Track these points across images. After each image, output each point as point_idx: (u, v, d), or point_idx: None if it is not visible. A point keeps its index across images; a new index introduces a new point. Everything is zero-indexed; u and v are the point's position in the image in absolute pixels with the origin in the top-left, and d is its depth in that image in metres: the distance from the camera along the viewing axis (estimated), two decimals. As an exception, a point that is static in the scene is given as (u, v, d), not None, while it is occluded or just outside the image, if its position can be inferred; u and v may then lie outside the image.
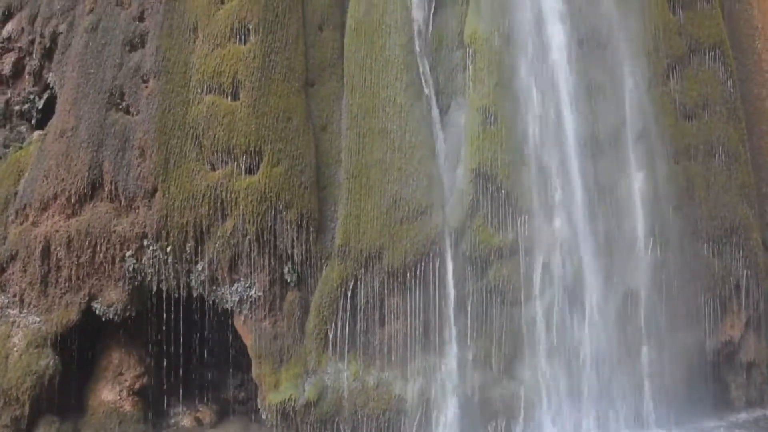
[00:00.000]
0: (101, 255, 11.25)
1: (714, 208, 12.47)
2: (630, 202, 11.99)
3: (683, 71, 12.68)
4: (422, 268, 11.07)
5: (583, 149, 11.72)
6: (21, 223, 11.61)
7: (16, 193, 11.83)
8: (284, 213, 11.03)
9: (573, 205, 11.57)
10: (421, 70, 11.63)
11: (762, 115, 13.82)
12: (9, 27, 13.24)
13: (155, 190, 11.24)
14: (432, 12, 11.97)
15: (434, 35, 11.96)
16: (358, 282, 11.08)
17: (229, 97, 11.32)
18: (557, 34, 11.74)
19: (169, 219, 11.12)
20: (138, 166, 11.34)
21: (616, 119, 12.06)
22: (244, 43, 11.42)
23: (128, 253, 11.21)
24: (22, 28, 13.11)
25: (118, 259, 11.24)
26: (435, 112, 11.66)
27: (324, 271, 11.21)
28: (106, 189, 11.40)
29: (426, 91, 11.61)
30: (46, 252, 11.29)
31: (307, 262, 11.20)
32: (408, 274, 11.05)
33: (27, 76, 13.09)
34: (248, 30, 11.43)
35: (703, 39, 12.91)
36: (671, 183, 12.20)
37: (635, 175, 12.05)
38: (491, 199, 11.24)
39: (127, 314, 11.42)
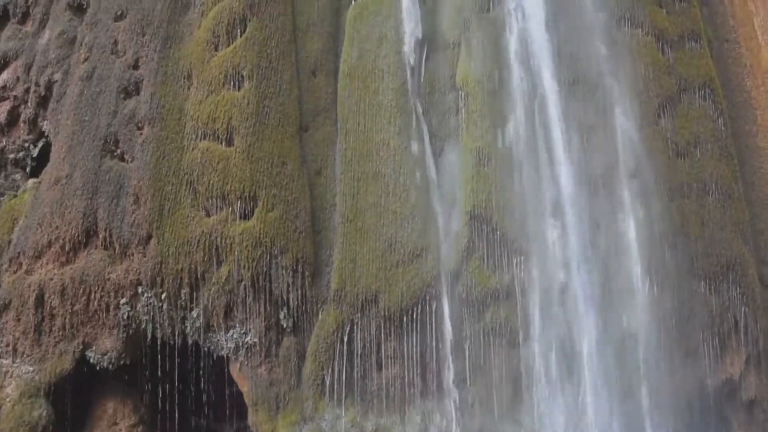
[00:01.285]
0: (95, 303, 11.18)
1: (709, 246, 12.44)
2: (625, 241, 11.97)
3: (674, 110, 12.78)
4: (419, 312, 11.01)
5: (577, 189, 11.75)
6: (15, 272, 11.56)
7: (10, 242, 11.80)
8: (279, 258, 11.00)
9: (568, 245, 11.54)
10: (414, 113, 11.75)
11: (754, 152, 13.89)
12: (5, 76, 13.35)
13: (150, 237, 11.22)
14: (424, 56, 12.13)
15: (427, 79, 12.10)
16: (355, 326, 11.01)
17: (224, 143, 11.39)
18: (548, 77, 11.86)
19: (163, 265, 11.07)
20: (132, 212, 11.33)
21: (608, 159, 12.11)
22: (239, 89, 11.51)
23: (123, 301, 11.14)
24: (18, 77, 13.22)
25: (112, 307, 11.17)
26: (429, 154, 11.72)
27: (320, 316, 11.15)
28: (101, 236, 11.38)
29: (419, 134, 11.68)
30: (40, 300, 11.22)
31: (303, 307, 11.13)
32: (405, 318, 10.99)
33: (22, 125, 13.17)
34: (242, 76, 11.54)
35: (692, 78, 13.04)
36: (666, 221, 12.18)
37: (630, 213, 12.04)
38: (487, 240, 11.24)
39: (122, 362, 11.30)
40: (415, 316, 11.00)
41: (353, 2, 12.65)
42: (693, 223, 12.45)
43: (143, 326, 11.13)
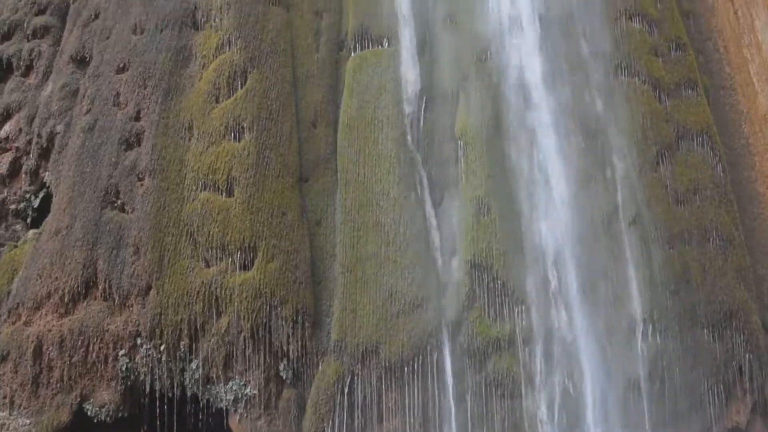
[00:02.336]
0: (94, 354, 11.07)
1: (712, 292, 12.37)
2: (627, 289, 11.92)
3: (673, 157, 12.84)
4: (420, 362, 10.91)
5: (577, 237, 11.74)
6: (13, 323, 11.48)
7: (9, 292, 11.75)
8: (279, 309, 10.94)
9: (570, 293, 11.50)
10: (414, 163, 11.82)
11: (753, 198, 13.91)
12: (7, 127, 13.47)
13: (149, 288, 11.18)
14: (423, 107, 12.26)
15: (426, 129, 12.20)
16: (355, 378, 10.90)
17: (224, 194, 11.42)
18: (547, 126, 11.94)
19: (163, 317, 11.01)
20: (132, 263, 11.31)
21: (608, 206, 12.14)
22: (239, 141, 11.60)
23: (121, 352, 11.04)
24: (20, 129, 13.33)
25: (111, 359, 11.06)
26: (428, 204, 11.76)
27: (320, 367, 11.05)
28: (100, 287, 11.33)
29: (419, 184, 11.73)
30: (38, 352, 11.11)
31: (303, 359, 11.04)
32: (406, 369, 10.89)
33: (24, 176, 13.22)
34: (243, 128, 11.64)
35: (690, 125, 13.13)
36: (667, 268, 12.15)
37: (630, 260, 12.01)
38: (487, 289, 11.20)
39: (120, 415, 11.15)
40: (416, 367, 10.89)
41: (353, 54, 12.87)
42: (694, 270, 12.40)
43: (142, 378, 11.01)
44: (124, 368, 10.98)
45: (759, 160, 14.10)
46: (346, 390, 10.85)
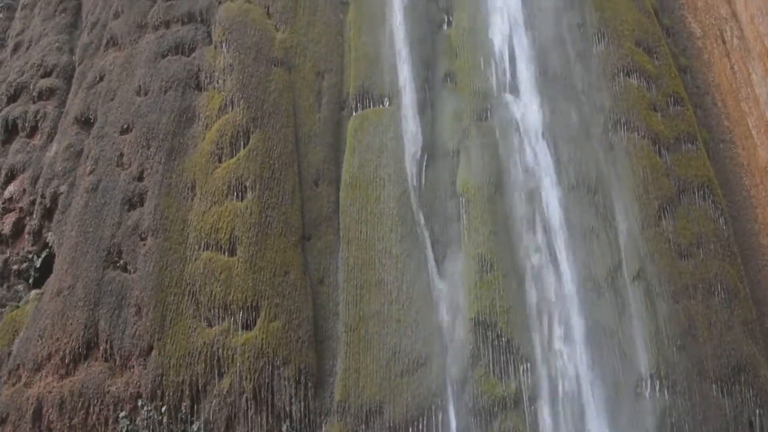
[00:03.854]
0: (94, 416, 10.95)
1: (719, 347, 12.22)
2: (633, 344, 11.79)
3: (675, 211, 12.83)
4: (425, 423, 10.72)
5: (581, 292, 11.67)
6: (13, 384, 11.39)
7: (10, 353, 11.69)
8: (282, 369, 10.84)
9: (575, 349, 11.38)
10: (416, 221, 11.85)
11: (757, 250, 13.86)
12: (11, 188, 13.57)
13: (151, 348, 11.10)
14: (425, 164, 12.34)
15: (428, 187, 12.26)
16: (360, 439, 10.73)
17: (226, 253, 11.44)
18: (548, 181, 12.02)
19: (164, 378, 10.90)
20: (134, 324, 11.26)
21: (612, 261, 12.09)
22: (241, 200, 11.66)
23: (122, 414, 10.91)
24: (24, 189, 13.43)
25: (111, 421, 10.93)
26: (431, 262, 11.74)
27: (324, 428, 10.87)
28: (101, 348, 11.26)
29: (421, 241, 11.73)
30: (37, 414, 11.00)
31: (306, 420, 10.87)
32: (410, 429, 10.70)
33: (26, 236, 13.26)
34: (245, 187, 11.72)
35: (691, 179, 13.16)
36: (673, 323, 12.02)
37: (635, 316, 11.91)
38: (492, 347, 11.07)
39: (120, 478, 10.97)
40: (421, 427, 10.70)
41: (354, 113, 13.06)
42: (700, 325, 12.28)
43: (142, 440, 10.87)
44: (124, 430, 10.84)
45: (761, 212, 14.10)
46: (350, 452, 10.69)
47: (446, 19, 14.04)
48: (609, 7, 14.31)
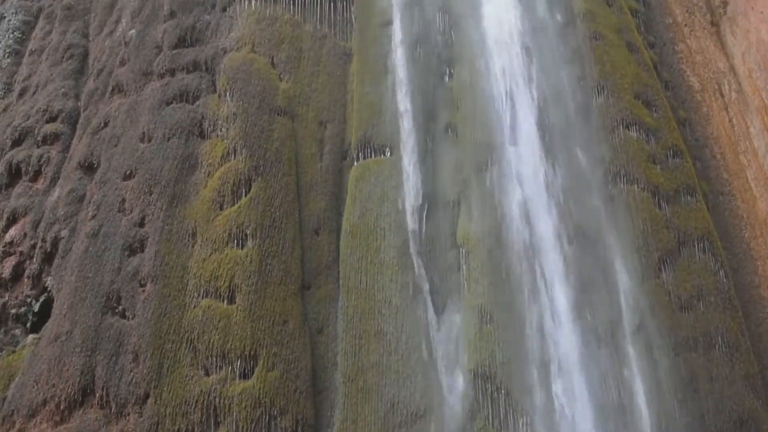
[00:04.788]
0: (89, 464, 10.81)
1: (720, 401, 12.10)
2: (633, 398, 11.69)
3: (675, 264, 12.82)
4: (423, 476, 10.61)
5: (581, 345, 11.61)
6: (7, 430, 11.24)
7: (4, 399, 11.56)
8: (279, 419, 10.72)
9: (575, 403, 11.27)
10: (416, 271, 11.84)
11: (758, 303, 13.82)
12: (12, 232, 13.57)
13: (147, 396, 10.98)
14: (425, 214, 12.38)
15: (428, 237, 12.28)
16: (357, 493, 10.58)
17: (225, 301, 11.40)
18: (548, 233, 12.05)
19: (160, 426, 10.76)
20: (131, 371, 11.16)
21: (612, 313, 12.06)
22: (242, 248, 11.68)
23: (117, 463, 10.77)
24: (25, 233, 13.43)
25: (106, 469, 10.79)
26: (431, 312, 11.70)
27: (321, 480, 10.75)
28: (97, 395, 11.14)
29: (421, 292, 11.72)
30: (30, 462, 10.86)
31: (303, 471, 10.75)
32: (409, 483, 10.58)
33: (26, 280, 13.23)
34: (246, 235, 11.74)
35: (690, 231, 13.18)
36: (673, 376, 11.94)
37: (636, 369, 11.83)
38: (491, 400, 10.97)
39: None
40: (419, 480, 10.59)
41: (356, 163, 13.14)
42: (701, 378, 12.18)
43: (136, 491, 10.71)
44: (119, 480, 10.70)
45: (761, 265, 14.10)
46: (347, 506, 10.53)
47: (448, 71, 14.22)
48: (608, 60, 14.52)
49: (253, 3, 14.57)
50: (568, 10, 15.31)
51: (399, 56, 14.03)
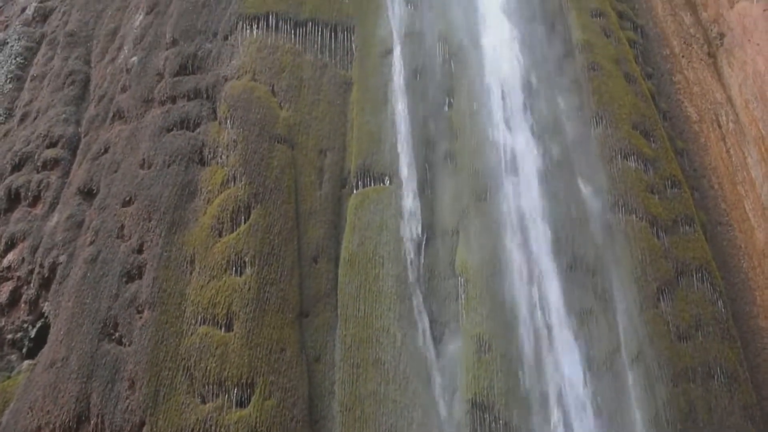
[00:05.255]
0: (82, 492, 10.70)
1: (719, 431, 12.06)
2: (632, 428, 11.63)
3: (673, 293, 12.81)
4: (420, 506, 10.50)
5: (580, 375, 11.57)
6: (1, 457, 11.16)
7: (-1, 425, 11.48)
8: (275, 449, 10.64)
9: (574, 434, 11.22)
10: (414, 299, 11.82)
11: (756, 333, 13.80)
12: (10, 257, 13.55)
13: (143, 424, 10.89)
14: (424, 243, 12.39)
15: (426, 266, 12.29)
16: None
17: (223, 328, 11.36)
18: (547, 262, 12.06)
19: (156, 455, 10.68)
20: (127, 398, 11.08)
21: (610, 343, 12.03)
22: (240, 275, 11.65)
23: (110, 492, 10.66)
24: (23, 258, 13.41)
25: (99, 497, 10.67)
26: (429, 341, 11.66)
27: None
28: (92, 422, 11.05)
29: (419, 320, 11.68)
30: (24, 488, 10.75)
31: (299, 502, 10.64)
32: None
33: (23, 305, 13.19)
34: (244, 262, 11.72)
35: (689, 261, 13.18)
36: (672, 406, 11.88)
37: (635, 399, 11.77)
38: (490, 430, 10.89)
39: None
40: None
41: (355, 191, 13.14)
42: (700, 409, 12.12)
43: None
44: None
45: (759, 295, 14.09)
46: None
47: (447, 101, 14.30)
48: (607, 91, 14.62)
49: (254, 32, 14.68)
50: (566, 40, 15.46)
51: (399, 86, 14.12)
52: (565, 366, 11.54)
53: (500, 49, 14.93)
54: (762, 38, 15.52)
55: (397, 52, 14.65)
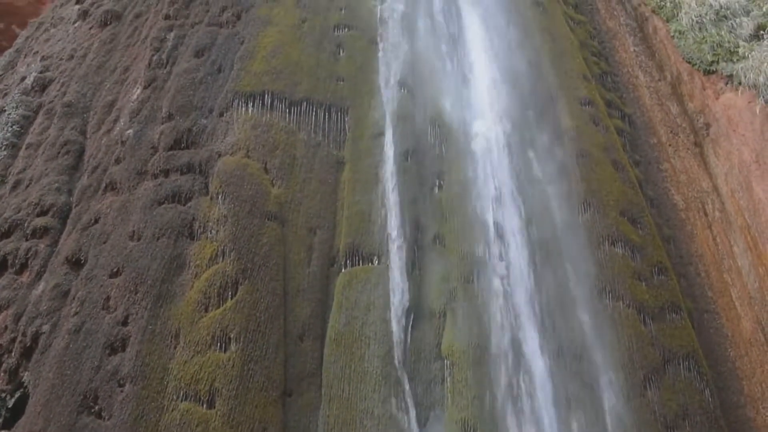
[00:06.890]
0: None
1: None
2: None
3: (660, 382, 12.75)
4: None
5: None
6: None
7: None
8: None
9: None
10: (399, 382, 11.68)
11: (744, 423, 13.68)
12: (-7, 324, 13.37)
13: (117, 506, 10.61)
14: (410, 325, 12.34)
15: (413, 347, 12.20)
16: None
17: (205, 405, 11.16)
18: (533, 347, 12.03)
19: None
20: (103, 475, 10.81)
21: (597, 431, 11.87)
22: (225, 351, 11.53)
23: None
24: (6, 326, 13.21)
25: None
26: (413, 425, 11.47)
27: None
28: (67, 500, 10.75)
29: (404, 403, 11.53)
30: None
31: None
32: None
33: (2, 374, 12.89)
34: (229, 338, 11.61)
35: (676, 349, 13.17)
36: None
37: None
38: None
39: None
40: None
41: (343, 270, 13.12)
42: (689, 503, 11.96)
43: None
44: None
45: (747, 384, 14.03)
46: None
47: (437, 183, 14.46)
48: (594, 178, 14.85)
49: (249, 110, 14.91)
50: (556, 127, 15.77)
51: (390, 167, 14.28)
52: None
53: (490, 135, 15.22)
54: (747, 129, 15.88)
55: (389, 134, 14.87)
